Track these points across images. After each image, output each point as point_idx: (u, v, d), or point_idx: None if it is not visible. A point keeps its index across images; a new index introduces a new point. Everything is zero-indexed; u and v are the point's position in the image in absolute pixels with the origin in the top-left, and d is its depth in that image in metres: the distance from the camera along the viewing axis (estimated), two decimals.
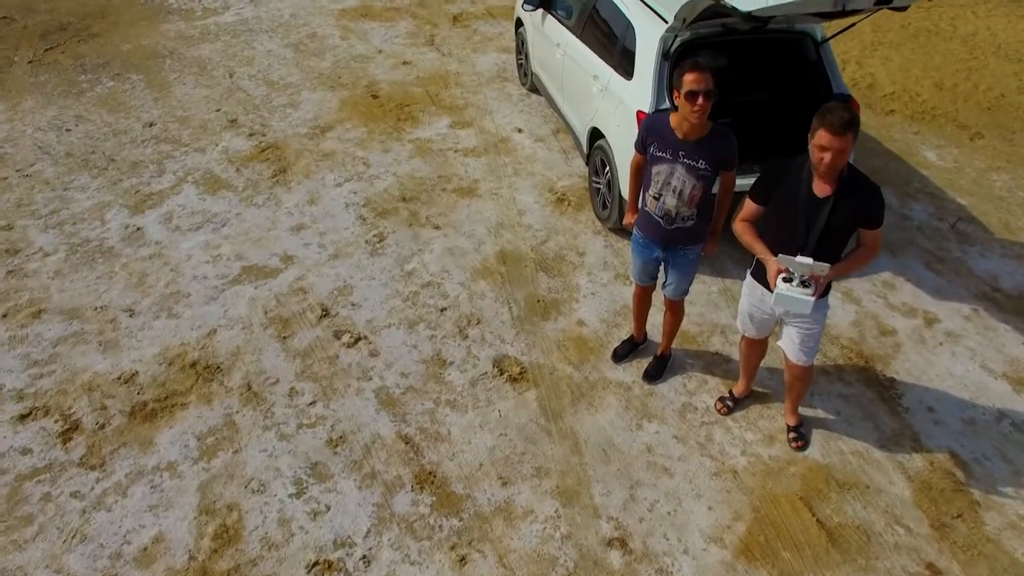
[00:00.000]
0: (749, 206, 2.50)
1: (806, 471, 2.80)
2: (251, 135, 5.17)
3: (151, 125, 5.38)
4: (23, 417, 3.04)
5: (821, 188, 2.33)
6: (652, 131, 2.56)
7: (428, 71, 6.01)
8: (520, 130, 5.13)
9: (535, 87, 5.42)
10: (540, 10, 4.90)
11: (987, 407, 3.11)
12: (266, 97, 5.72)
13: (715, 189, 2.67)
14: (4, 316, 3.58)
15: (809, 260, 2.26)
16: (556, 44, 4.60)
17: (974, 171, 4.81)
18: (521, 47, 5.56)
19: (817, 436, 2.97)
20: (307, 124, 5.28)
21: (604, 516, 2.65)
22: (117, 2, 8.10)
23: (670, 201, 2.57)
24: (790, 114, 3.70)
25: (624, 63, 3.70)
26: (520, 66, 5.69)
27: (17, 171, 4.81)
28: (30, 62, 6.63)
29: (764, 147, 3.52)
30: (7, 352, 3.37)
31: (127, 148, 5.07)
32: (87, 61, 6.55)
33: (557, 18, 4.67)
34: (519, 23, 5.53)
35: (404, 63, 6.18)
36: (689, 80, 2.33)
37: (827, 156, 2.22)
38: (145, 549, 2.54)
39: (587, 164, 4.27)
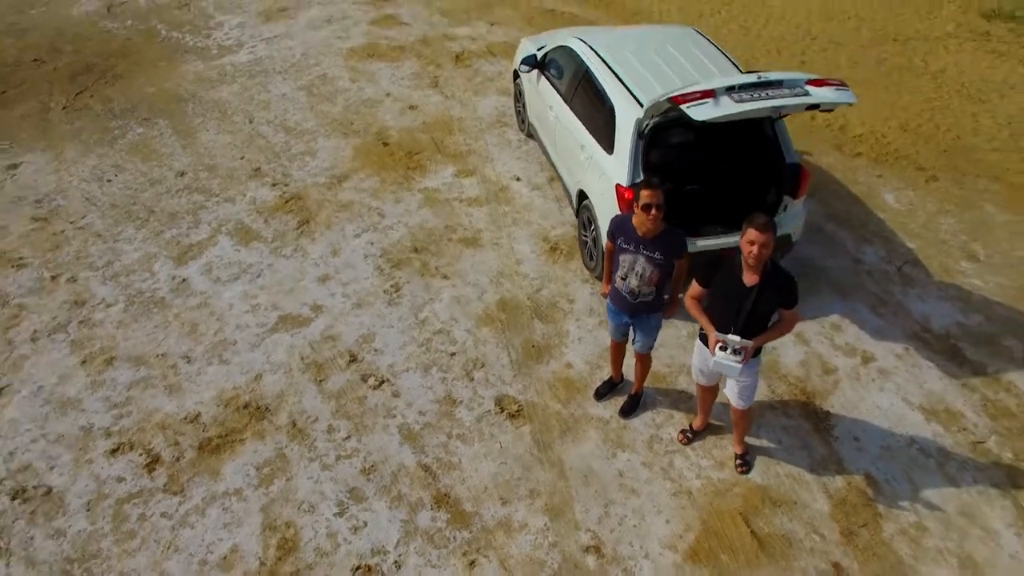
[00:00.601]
0: (695, 287, 3.32)
1: (747, 491, 3.64)
2: (274, 185, 6.01)
3: (182, 174, 6.22)
4: (113, 451, 3.91)
5: (749, 278, 3.14)
6: (619, 229, 3.38)
7: (433, 116, 6.83)
8: (518, 178, 5.95)
9: (531, 133, 6.21)
10: (535, 71, 5.69)
11: (902, 435, 3.95)
12: (285, 144, 6.55)
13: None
14: (83, 363, 4.45)
15: (738, 338, 3.09)
16: (549, 106, 5.40)
17: (925, 214, 5.62)
18: (519, 96, 6.35)
19: (760, 462, 3.81)
20: (325, 173, 6.11)
21: (583, 528, 3.50)
22: (137, 40, 8.94)
23: (634, 282, 3.40)
24: (749, 183, 4.51)
25: (606, 138, 4.51)
26: (518, 113, 6.48)
27: (71, 223, 5.67)
28: (64, 108, 7.47)
29: (727, 212, 4.32)
30: (92, 395, 4.24)
31: (164, 199, 5.92)
32: (115, 106, 7.39)
33: (550, 81, 5.46)
34: (516, 74, 6.31)
35: (410, 107, 7.00)
36: (644, 195, 3.15)
37: (755, 248, 3.03)
38: (225, 557, 3.40)
39: (576, 217, 5.09)
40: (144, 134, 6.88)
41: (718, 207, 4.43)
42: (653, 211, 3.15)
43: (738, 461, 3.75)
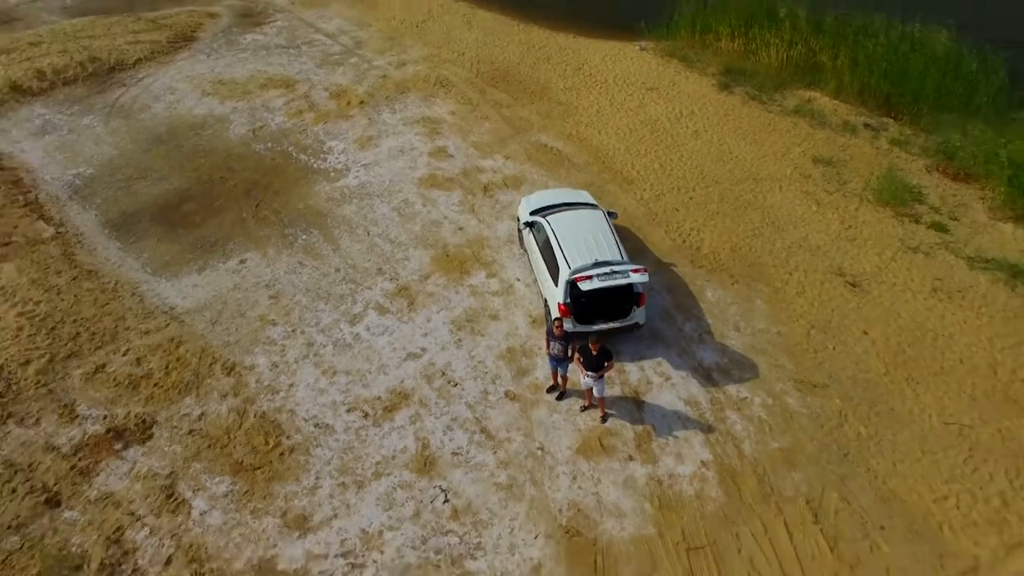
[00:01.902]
0: (576, 354, 9.82)
1: (602, 430, 10.14)
2: (391, 280, 12.56)
3: (338, 270, 12.79)
4: (349, 410, 10.50)
5: (595, 350, 9.64)
6: (549, 333, 9.90)
7: (472, 235, 13.34)
8: (518, 279, 12.46)
9: (525, 251, 12.67)
10: (527, 228, 12.16)
11: (676, 411, 10.42)
12: (391, 252, 13.09)
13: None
14: (323, 374, 11.04)
15: (592, 373, 9.60)
16: (532, 249, 11.88)
17: (723, 304, 12.06)
18: (519, 230, 12.81)
19: (611, 420, 10.30)
20: (416, 273, 12.64)
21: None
22: (279, 161, 15.57)
23: (556, 349, 9.90)
24: (618, 301, 10.92)
25: (554, 277, 10.97)
26: (519, 235, 12.92)
27: (289, 299, 12.25)
28: (253, 217, 14.07)
29: (609, 313, 10.76)
30: (332, 387, 10.83)
31: (332, 286, 12.49)
32: (283, 217, 13.98)
33: (535, 237, 11.91)
34: (518, 219, 12.77)
35: (459, 228, 13.51)
36: (560, 316, 9.66)
37: (596, 346, 9.53)
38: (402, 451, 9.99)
39: (545, 315, 11.52)
40: (307, 240, 13.46)
41: (605, 311, 10.88)
42: (558, 324, 9.65)
43: (601, 418, 10.26)
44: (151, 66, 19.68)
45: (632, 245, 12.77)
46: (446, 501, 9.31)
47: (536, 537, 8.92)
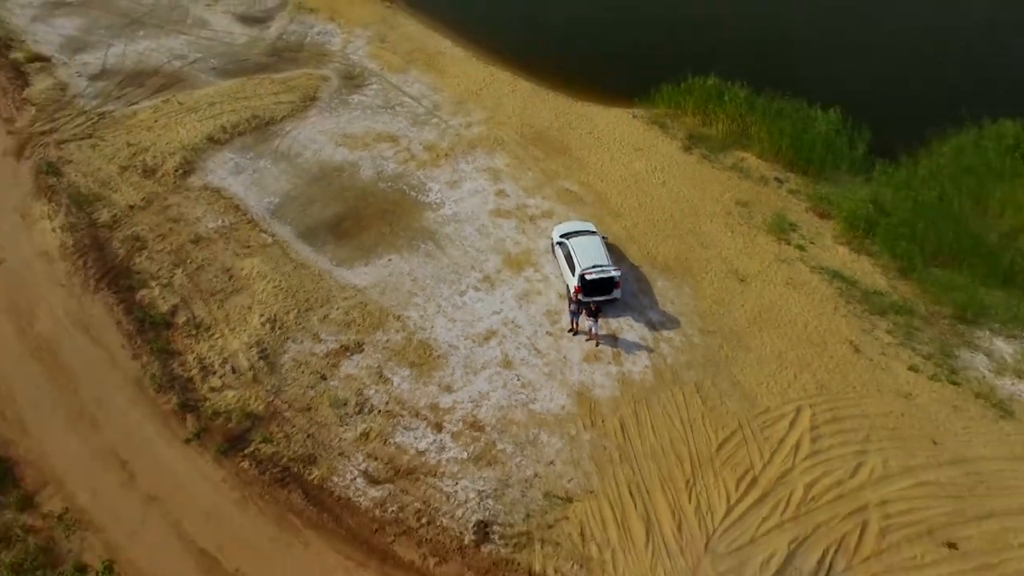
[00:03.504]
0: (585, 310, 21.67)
1: (590, 347, 21.93)
2: (479, 272, 24.49)
3: (448, 266, 24.75)
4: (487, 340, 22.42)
5: (593, 307, 21.45)
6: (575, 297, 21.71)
7: (525, 248, 25.20)
8: (551, 273, 24.34)
9: (555, 256, 24.51)
10: (557, 245, 24.03)
11: (632, 340, 22.22)
12: (477, 256, 25.02)
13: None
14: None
15: (591, 321, 21.44)
16: (559, 257, 23.76)
17: (666, 289, 23.85)
18: (552, 246, 24.65)
19: (601, 346, 22.11)
20: (494, 268, 24.56)
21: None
22: (397, 196, 27.64)
23: (573, 307, 21.74)
24: (606, 284, 22.73)
25: (572, 272, 22.82)
26: (552, 249, 24.72)
27: (424, 282, 24.15)
28: (390, 232, 26.05)
29: (601, 290, 22.57)
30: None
31: (446, 274, 24.44)
32: (410, 233, 26.01)
33: (563, 249, 23.74)
34: (551, 239, 24.61)
35: (516, 243, 25.39)
36: (576, 291, 21.49)
37: (593, 307, 21.38)
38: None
39: (567, 292, 23.36)
40: (426, 248, 25.42)
41: (598, 290, 22.64)
42: (576, 289, 21.47)
43: (595, 344, 22.03)
44: (293, 121, 31.64)
45: (617, 254, 24.48)
46: (518, 380, 21.10)
47: (563, 396, 20.70)
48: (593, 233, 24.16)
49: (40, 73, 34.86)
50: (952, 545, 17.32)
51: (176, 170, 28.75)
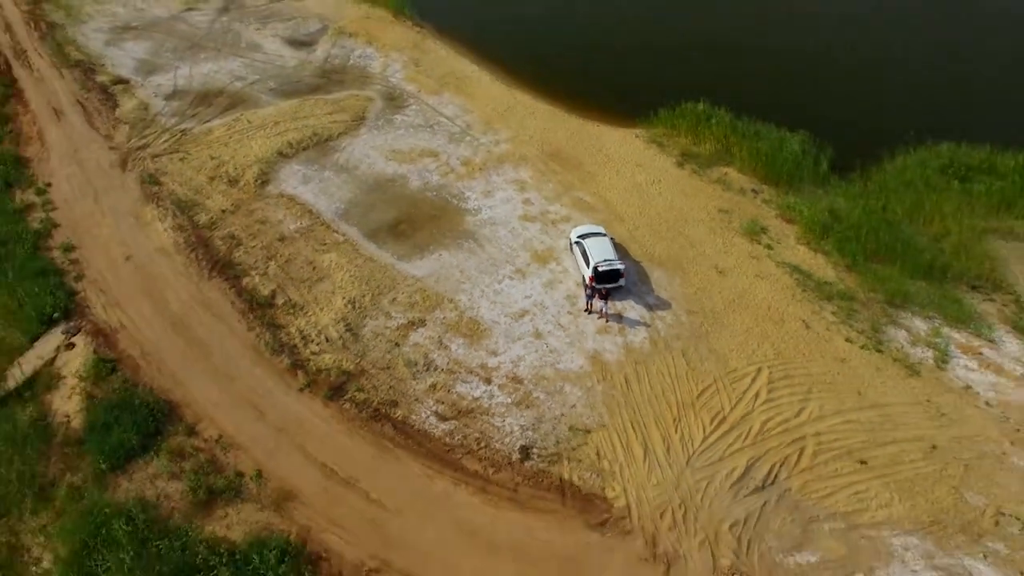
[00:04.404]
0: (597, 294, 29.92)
1: (599, 323, 30.13)
2: (513, 265, 32.72)
3: (487, 260, 32.97)
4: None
5: (604, 292, 29.71)
6: (589, 284, 29.95)
7: (547, 247, 33.44)
8: (571, 267, 32.58)
9: (572, 253, 32.74)
10: (575, 244, 32.28)
11: (634, 317, 30.45)
12: (511, 253, 33.30)
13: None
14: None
15: (602, 302, 29.69)
16: (576, 254, 32.01)
17: (660, 280, 32.13)
18: (570, 245, 32.89)
19: (610, 323, 30.32)
20: (524, 262, 32.78)
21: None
22: (440, 202, 36.01)
23: (587, 292, 29.97)
24: (615, 274, 31.00)
25: (586, 264, 31.05)
26: (569, 244, 32.97)
27: (469, 272, 32.36)
28: (439, 233, 34.30)
29: (610, 280, 30.84)
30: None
31: (486, 267, 32.68)
32: (455, 234, 34.24)
33: (580, 246, 31.98)
34: (570, 239, 32.87)
35: (541, 242, 33.63)
36: (591, 281, 29.72)
37: (604, 292, 29.65)
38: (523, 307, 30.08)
39: (582, 281, 31.63)
40: (469, 245, 33.70)
41: (608, 279, 30.86)
42: (591, 279, 29.72)
43: (605, 321, 30.23)
44: (348, 138, 39.81)
45: (622, 251, 32.67)
46: (547, 346, 29.26)
47: (581, 358, 28.87)
48: (603, 235, 32.36)
49: (124, 94, 43.05)
50: (863, 462, 25.52)
51: (255, 180, 36.88)
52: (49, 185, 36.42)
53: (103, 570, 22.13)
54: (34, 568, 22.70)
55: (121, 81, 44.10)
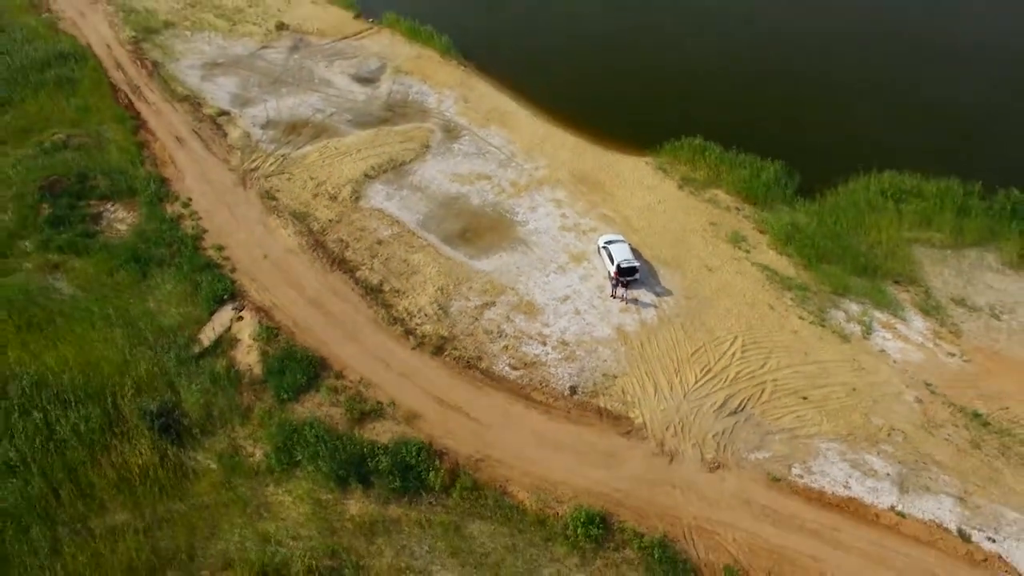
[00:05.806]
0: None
1: (617, 303, 45.89)
2: (556, 263, 48.52)
3: (536, 260, 48.77)
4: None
5: (625, 283, 45.52)
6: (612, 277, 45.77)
7: (581, 249, 49.34)
8: (599, 264, 48.43)
9: (600, 256, 48.58)
10: (602, 248, 48.14)
11: (643, 302, 46.28)
12: (553, 254, 49.16)
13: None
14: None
15: (623, 290, 45.53)
16: (604, 255, 47.86)
17: (665, 275, 48.05)
18: (599, 248, 48.72)
19: (629, 305, 46.10)
20: (565, 262, 48.58)
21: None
22: (497, 217, 52.21)
23: (612, 282, 45.78)
24: (631, 270, 46.85)
25: (611, 262, 46.86)
26: (597, 248, 48.79)
27: (524, 268, 48.17)
28: (497, 239, 50.19)
29: (628, 274, 46.68)
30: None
31: (536, 264, 48.49)
32: (508, 240, 50.13)
33: (606, 250, 47.81)
34: (598, 244, 48.75)
35: (577, 246, 49.48)
36: (615, 275, 45.58)
37: (624, 284, 45.51)
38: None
39: (608, 275, 47.44)
40: (522, 248, 49.71)
41: (627, 274, 46.61)
42: (615, 273, 45.54)
43: (624, 303, 45.95)
44: (417, 163, 55.58)
45: (637, 254, 48.43)
46: (584, 321, 44.93)
47: (609, 329, 44.57)
48: (623, 241, 48.12)
49: (229, 124, 58.56)
50: (805, 398, 41.33)
51: (351, 196, 52.46)
52: (190, 200, 51.76)
53: (304, 456, 37.42)
54: (250, 459, 37.92)
55: (224, 113, 59.55)
